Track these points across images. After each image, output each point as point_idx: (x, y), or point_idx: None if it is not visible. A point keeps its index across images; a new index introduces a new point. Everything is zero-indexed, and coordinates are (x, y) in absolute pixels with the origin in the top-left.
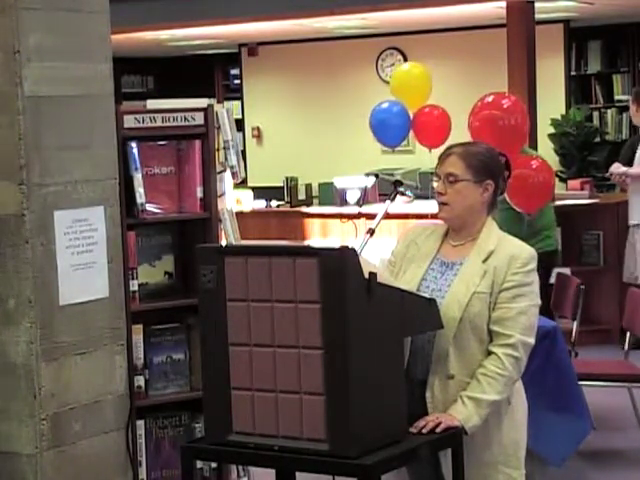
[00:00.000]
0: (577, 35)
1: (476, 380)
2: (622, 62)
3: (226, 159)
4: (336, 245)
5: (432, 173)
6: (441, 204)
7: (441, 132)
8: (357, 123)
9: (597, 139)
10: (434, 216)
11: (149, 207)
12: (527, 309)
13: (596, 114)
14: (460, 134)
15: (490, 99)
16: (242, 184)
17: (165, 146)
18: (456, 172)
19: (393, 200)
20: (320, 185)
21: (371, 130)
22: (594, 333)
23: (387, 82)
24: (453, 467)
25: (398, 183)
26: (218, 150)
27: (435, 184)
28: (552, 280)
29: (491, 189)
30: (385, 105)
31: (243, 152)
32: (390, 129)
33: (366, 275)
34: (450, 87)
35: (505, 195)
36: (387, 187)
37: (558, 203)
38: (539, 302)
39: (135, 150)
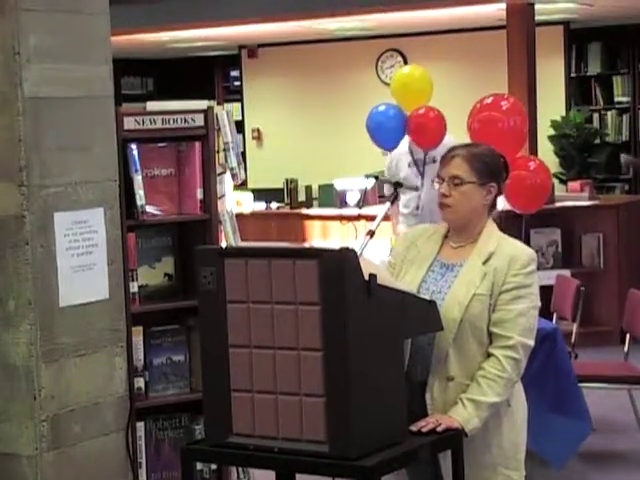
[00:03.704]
0: (577, 37)
1: (476, 382)
2: (622, 64)
3: (226, 161)
4: (336, 247)
5: None
6: (445, 206)
7: (437, 134)
8: (357, 125)
9: (597, 141)
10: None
11: (149, 209)
12: (527, 311)
13: (596, 116)
14: (461, 136)
15: (489, 100)
16: (242, 186)
17: (165, 148)
18: (461, 174)
19: (393, 202)
20: (320, 187)
21: (368, 133)
22: (594, 335)
23: (387, 84)
24: (453, 469)
25: (398, 185)
26: (218, 152)
27: (437, 185)
28: None
29: (494, 191)
30: (382, 108)
31: (243, 154)
32: (386, 132)
33: (366, 276)
34: (450, 89)
35: None
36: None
37: (558, 205)
38: (539, 304)
39: (135, 152)
